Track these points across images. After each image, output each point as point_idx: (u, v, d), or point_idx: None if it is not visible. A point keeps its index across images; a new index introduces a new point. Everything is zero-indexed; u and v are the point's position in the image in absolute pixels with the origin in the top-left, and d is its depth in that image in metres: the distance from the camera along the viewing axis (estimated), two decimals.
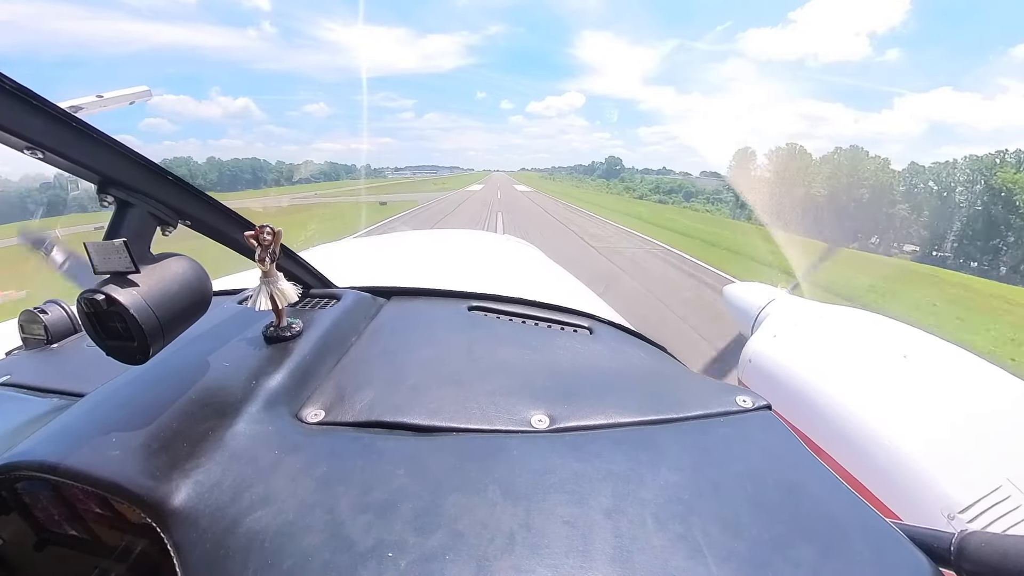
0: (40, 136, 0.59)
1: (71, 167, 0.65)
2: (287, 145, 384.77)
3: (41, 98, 0.58)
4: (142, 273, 0.66)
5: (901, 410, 1.29)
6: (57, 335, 1.15)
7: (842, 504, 0.59)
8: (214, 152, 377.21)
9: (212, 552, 0.51)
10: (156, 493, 0.56)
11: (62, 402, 0.84)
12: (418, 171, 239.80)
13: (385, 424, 0.71)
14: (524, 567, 0.48)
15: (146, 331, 0.64)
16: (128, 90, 2.37)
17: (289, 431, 0.69)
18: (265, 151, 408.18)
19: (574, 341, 1.04)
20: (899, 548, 0.53)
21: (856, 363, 1.52)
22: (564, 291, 1.85)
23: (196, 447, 0.63)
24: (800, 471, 0.64)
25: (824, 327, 1.80)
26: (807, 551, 0.51)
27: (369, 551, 0.49)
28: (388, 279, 1.29)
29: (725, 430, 0.71)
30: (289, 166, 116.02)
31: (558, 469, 0.61)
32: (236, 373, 0.78)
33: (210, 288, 0.77)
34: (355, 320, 1.05)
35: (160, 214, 0.74)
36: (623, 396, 0.78)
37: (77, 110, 1.96)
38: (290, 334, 0.89)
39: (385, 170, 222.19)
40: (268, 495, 0.57)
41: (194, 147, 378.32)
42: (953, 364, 1.44)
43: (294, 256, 1.09)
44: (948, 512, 1.05)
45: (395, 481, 0.59)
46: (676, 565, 0.49)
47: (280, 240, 0.84)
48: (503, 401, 0.76)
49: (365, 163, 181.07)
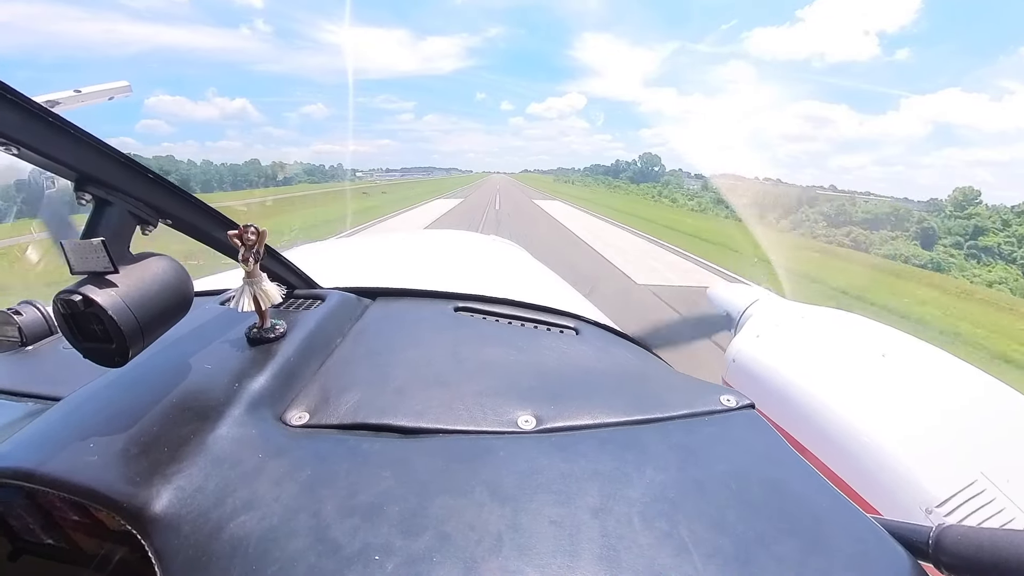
0: (14, 131, 0.57)
1: (47, 163, 0.63)
2: (286, 147, 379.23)
3: (16, 92, 0.56)
4: (121, 273, 0.65)
5: (880, 408, 1.33)
6: (32, 337, 1.12)
7: (824, 500, 0.60)
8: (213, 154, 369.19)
9: (195, 559, 0.50)
10: (136, 499, 0.55)
11: (37, 406, 0.82)
12: (406, 173, 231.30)
13: (371, 426, 0.71)
14: (512, 568, 0.49)
15: (125, 333, 0.62)
16: (107, 85, 2.32)
17: (273, 434, 0.68)
18: (264, 152, 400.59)
19: (560, 341, 1.04)
20: (879, 542, 0.55)
21: (836, 362, 1.56)
22: (550, 292, 1.86)
23: (177, 451, 0.61)
24: (783, 469, 0.65)
25: (805, 327, 1.83)
26: (790, 546, 0.52)
27: (356, 555, 0.49)
28: (373, 279, 1.28)
29: (710, 429, 0.72)
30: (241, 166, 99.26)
31: (545, 469, 0.61)
32: (218, 375, 0.77)
33: (191, 289, 0.75)
34: (340, 321, 1.04)
35: (140, 213, 0.73)
36: (609, 396, 0.79)
37: (53, 104, 1.91)
38: (274, 335, 0.88)
39: (374, 171, 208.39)
40: (252, 499, 0.56)
41: (193, 149, 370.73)
42: (929, 363, 1.48)
43: (278, 256, 1.08)
44: (926, 507, 1.07)
45: (381, 484, 0.58)
46: (662, 563, 0.49)
47: (264, 240, 0.83)
48: (489, 402, 0.76)
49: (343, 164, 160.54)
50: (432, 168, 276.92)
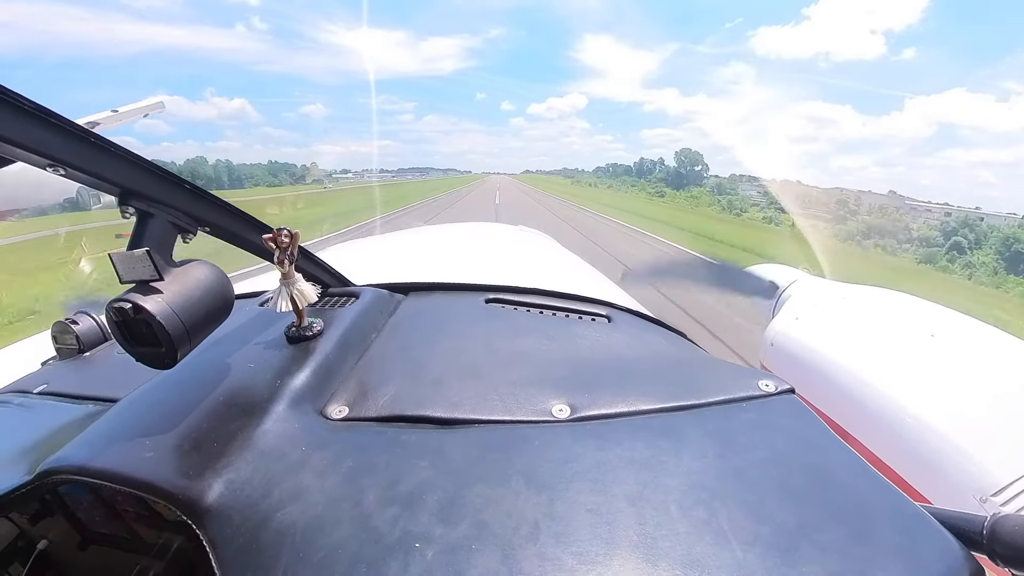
0: (61, 153, 0.61)
1: (92, 181, 0.67)
2: (286, 147, 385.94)
3: (60, 116, 0.60)
4: (166, 280, 0.68)
5: (930, 390, 1.26)
6: (88, 344, 1.19)
7: (870, 487, 0.58)
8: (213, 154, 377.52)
9: (246, 547, 0.53)
10: (190, 492, 0.58)
11: (97, 408, 0.87)
12: (401, 174, 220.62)
13: (408, 418, 0.72)
14: (549, 555, 0.49)
15: (172, 336, 0.66)
16: (142, 103, 2.42)
17: (315, 428, 0.70)
18: (264, 153, 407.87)
19: (593, 330, 1.03)
20: (929, 531, 0.52)
21: (882, 343, 1.49)
22: (581, 280, 1.85)
23: (226, 446, 0.64)
24: (826, 455, 0.63)
25: (847, 307, 1.76)
26: (834, 535, 0.50)
27: (396, 543, 0.50)
28: (405, 275, 1.30)
29: (748, 415, 0.70)
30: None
31: (580, 458, 0.62)
32: (261, 373, 0.80)
33: (232, 292, 0.78)
34: (374, 317, 1.06)
35: (180, 222, 0.76)
36: (643, 383, 0.78)
37: (94, 126, 2.00)
38: (311, 333, 0.91)
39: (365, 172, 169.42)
40: (297, 490, 0.58)
41: (192, 149, 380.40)
42: (983, 342, 1.40)
43: (312, 256, 1.11)
44: (980, 495, 1.02)
45: (420, 474, 0.60)
46: (701, 551, 0.49)
47: (298, 242, 0.85)
48: (523, 392, 0.76)
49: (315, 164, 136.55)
50: (429, 169, 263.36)
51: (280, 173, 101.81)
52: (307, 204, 38.32)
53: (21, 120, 0.57)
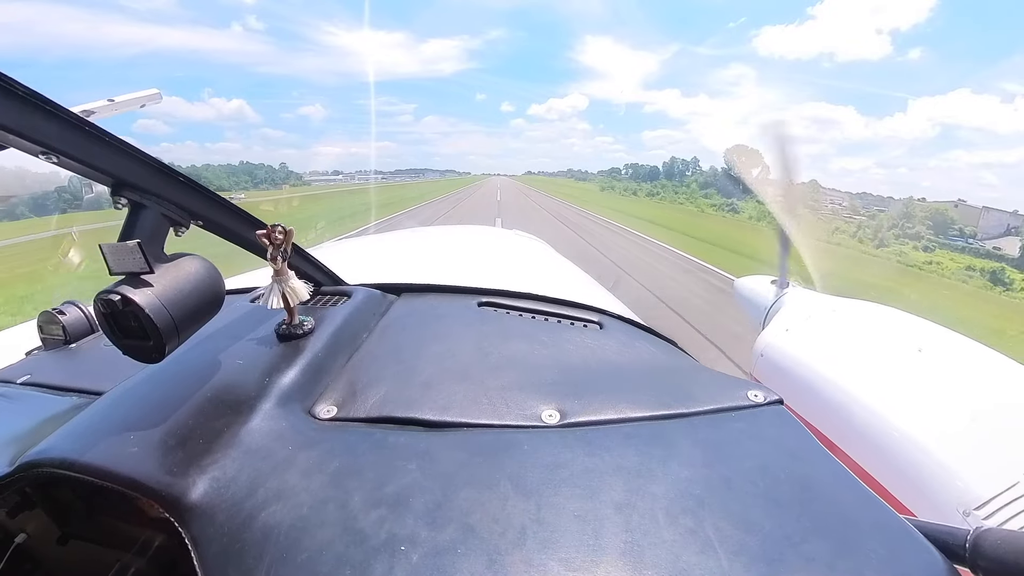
0: (54, 141, 0.60)
1: (84, 170, 0.66)
2: (286, 148, 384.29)
3: (54, 103, 0.59)
4: (156, 273, 0.67)
5: (916, 405, 1.28)
6: (75, 335, 1.18)
7: (855, 500, 0.58)
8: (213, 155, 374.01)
9: (229, 546, 0.52)
10: (174, 489, 0.57)
11: (81, 400, 0.86)
12: (398, 175, 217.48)
13: (396, 420, 0.72)
14: (535, 561, 0.49)
15: (161, 330, 0.65)
16: (138, 93, 2.40)
17: (302, 427, 0.70)
18: (264, 154, 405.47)
19: (584, 336, 1.04)
20: (912, 544, 0.52)
21: (870, 357, 1.51)
22: (574, 286, 1.85)
23: (212, 443, 0.64)
24: (812, 466, 0.63)
25: (837, 320, 1.78)
26: (819, 547, 0.51)
27: (382, 545, 0.50)
28: (398, 275, 1.29)
29: (737, 425, 0.71)
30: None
31: (568, 464, 0.61)
32: (250, 370, 0.79)
33: (223, 287, 0.78)
34: (366, 317, 1.05)
35: (173, 215, 0.75)
36: (633, 391, 0.78)
37: (89, 114, 1.98)
38: (302, 331, 0.90)
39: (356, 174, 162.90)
40: (283, 490, 0.58)
41: (192, 150, 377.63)
42: (969, 358, 1.42)
43: (305, 254, 1.10)
44: (963, 509, 1.03)
45: (407, 476, 0.59)
46: (687, 560, 0.49)
47: (292, 239, 0.85)
48: (513, 396, 0.76)
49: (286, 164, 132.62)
50: (426, 170, 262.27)
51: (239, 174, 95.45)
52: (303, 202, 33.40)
53: (14, 106, 0.56)
